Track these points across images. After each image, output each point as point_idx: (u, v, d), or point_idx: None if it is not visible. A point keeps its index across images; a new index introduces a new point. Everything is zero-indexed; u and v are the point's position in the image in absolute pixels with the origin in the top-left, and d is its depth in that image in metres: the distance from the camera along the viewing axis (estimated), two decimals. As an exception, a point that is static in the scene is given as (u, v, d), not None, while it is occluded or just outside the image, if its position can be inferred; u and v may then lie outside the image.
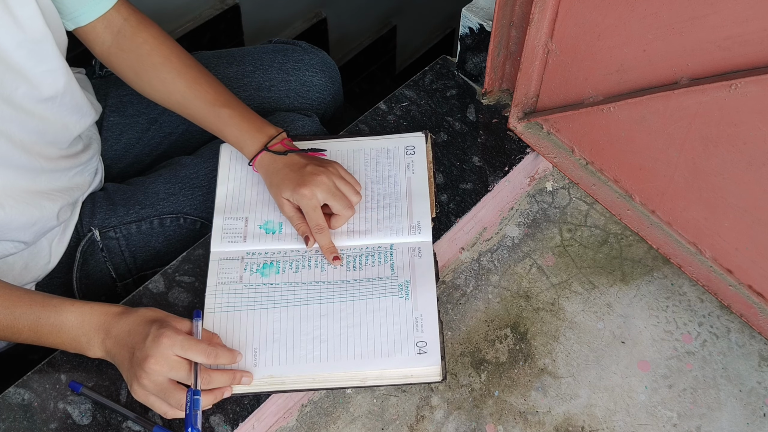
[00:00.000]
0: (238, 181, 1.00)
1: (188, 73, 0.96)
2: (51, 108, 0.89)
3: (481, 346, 0.98)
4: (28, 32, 0.81)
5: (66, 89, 0.89)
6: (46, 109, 0.88)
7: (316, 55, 1.19)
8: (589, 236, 1.09)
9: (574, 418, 0.93)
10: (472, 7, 1.09)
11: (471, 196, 1.02)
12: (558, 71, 0.97)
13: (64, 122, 0.92)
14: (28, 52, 0.82)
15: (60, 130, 0.92)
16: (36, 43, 0.83)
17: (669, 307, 1.02)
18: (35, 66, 0.84)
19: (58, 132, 0.91)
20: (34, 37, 0.82)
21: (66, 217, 0.97)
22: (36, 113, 0.87)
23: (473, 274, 1.05)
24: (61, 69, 0.87)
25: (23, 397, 0.84)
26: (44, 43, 0.84)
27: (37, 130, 0.88)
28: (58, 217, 0.94)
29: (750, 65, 0.74)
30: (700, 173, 0.86)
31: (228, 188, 0.99)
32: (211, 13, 1.77)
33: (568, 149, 1.04)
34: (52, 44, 0.85)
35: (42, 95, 0.86)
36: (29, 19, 0.81)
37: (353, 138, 1.05)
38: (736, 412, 0.93)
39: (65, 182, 0.95)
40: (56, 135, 0.91)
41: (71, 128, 0.94)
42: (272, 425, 0.91)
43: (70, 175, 0.96)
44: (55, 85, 0.88)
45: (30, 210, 0.89)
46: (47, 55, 0.85)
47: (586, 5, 0.86)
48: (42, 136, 0.89)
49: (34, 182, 0.90)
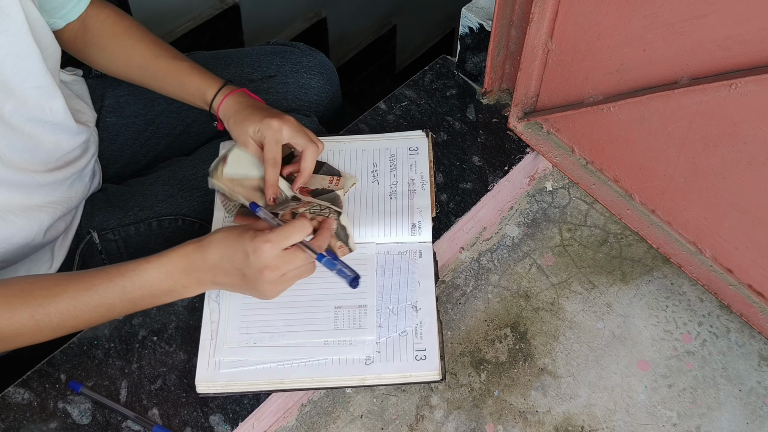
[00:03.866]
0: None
1: (147, 38, 1.00)
2: (41, 128, 0.88)
3: (480, 345, 0.98)
4: (13, 47, 0.80)
5: (56, 109, 0.89)
6: (35, 128, 0.87)
7: (314, 57, 1.19)
8: (589, 236, 1.09)
9: (573, 417, 0.93)
10: (472, 7, 1.09)
11: (471, 195, 1.02)
12: (558, 71, 0.97)
13: (56, 140, 0.91)
14: (13, 67, 0.81)
15: (52, 148, 0.91)
16: (21, 59, 0.82)
17: (669, 306, 1.02)
18: (21, 82, 0.83)
19: (50, 150, 0.91)
20: (19, 53, 0.81)
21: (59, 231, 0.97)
22: (25, 132, 0.86)
23: (473, 273, 1.05)
24: (48, 87, 0.87)
25: (23, 397, 0.84)
26: (30, 59, 0.83)
27: (27, 149, 0.87)
28: (47, 233, 0.93)
29: (750, 65, 0.74)
30: (700, 173, 0.86)
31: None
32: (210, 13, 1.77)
33: (568, 149, 1.04)
34: (40, 61, 0.84)
35: (30, 113, 0.86)
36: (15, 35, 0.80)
37: (355, 137, 1.05)
38: (736, 412, 0.93)
39: (63, 192, 0.95)
40: (48, 153, 0.91)
41: (64, 146, 0.93)
42: (272, 425, 0.91)
43: (68, 183, 0.96)
44: (43, 104, 0.87)
45: (30, 225, 0.89)
46: (34, 71, 0.84)
47: (586, 5, 0.86)
48: (33, 155, 0.88)
49: (31, 198, 0.90)
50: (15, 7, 0.79)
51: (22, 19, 0.80)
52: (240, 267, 0.78)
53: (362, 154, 1.02)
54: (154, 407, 0.84)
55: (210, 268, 0.79)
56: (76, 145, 0.95)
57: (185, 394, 0.85)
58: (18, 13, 0.79)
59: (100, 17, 0.98)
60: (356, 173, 1.00)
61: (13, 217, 0.87)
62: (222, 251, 0.79)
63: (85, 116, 1.01)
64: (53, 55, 0.89)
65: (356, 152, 1.03)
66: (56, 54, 0.90)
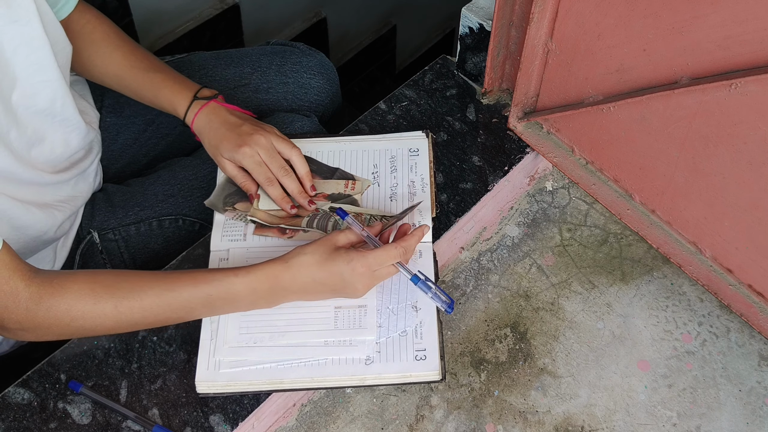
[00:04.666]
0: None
1: (124, 47, 0.99)
2: (49, 123, 0.88)
3: (480, 345, 0.98)
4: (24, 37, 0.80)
5: (66, 106, 0.89)
6: (43, 123, 0.87)
7: (315, 57, 1.19)
8: (589, 236, 1.09)
9: (573, 417, 0.93)
10: (472, 7, 1.09)
11: (471, 195, 1.02)
12: (558, 71, 0.97)
13: (64, 139, 0.91)
14: (25, 58, 0.81)
15: (60, 146, 0.91)
16: (33, 50, 0.82)
17: (669, 306, 1.02)
18: (32, 75, 0.83)
19: (58, 148, 0.91)
20: (31, 43, 0.81)
21: (66, 230, 0.97)
22: (32, 126, 0.86)
23: (473, 273, 1.05)
24: (58, 82, 0.86)
25: (23, 397, 0.84)
26: (42, 51, 0.83)
27: (33, 143, 0.87)
28: (56, 232, 0.94)
29: (750, 65, 0.74)
30: (700, 172, 0.86)
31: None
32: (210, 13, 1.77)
33: (568, 149, 1.04)
34: (51, 54, 0.84)
35: (37, 106, 0.85)
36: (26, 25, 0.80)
37: (355, 137, 1.05)
38: (736, 412, 0.93)
39: (68, 191, 0.95)
40: (55, 151, 0.91)
41: (73, 144, 0.93)
42: (272, 425, 0.91)
43: (72, 183, 0.96)
44: (54, 99, 0.87)
45: (46, 218, 0.90)
46: (45, 64, 0.84)
47: (586, 5, 0.86)
48: (41, 152, 0.88)
49: (41, 196, 0.90)
50: None
51: (33, 9, 0.80)
52: (334, 288, 0.81)
53: (362, 154, 1.02)
54: (154, 407, 0.84)
55: (299, 289, 0.82)
56: (84, 145, 0.95)
57: (185, 394, 0.85)
58: (29, 4, 0.79)
59: (81, 21, 0.97)
60: (357, 173, 1.00)
61: (34, 209, 0.88)
62: (314, 274, 0.80)
63: (88, 117, 1.01)
64: (64, 50, 0.89)
65: (356, 153, 1.03)
66: (67, 50, 0.90)
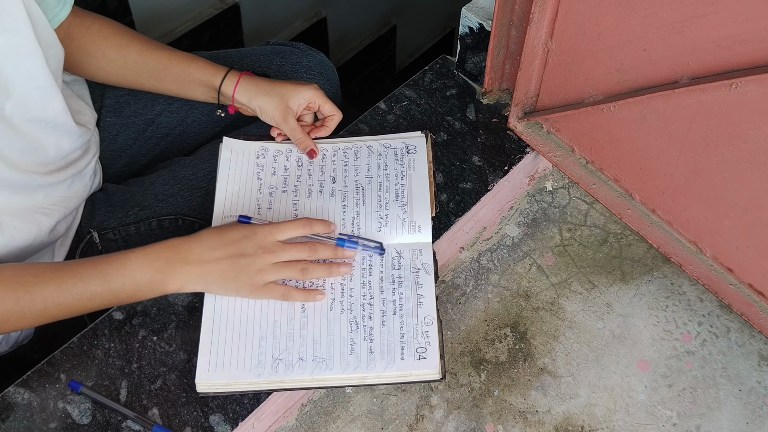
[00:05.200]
0: (238, 180, 1.00)
1: (139, 36, 1.00)
2: (42, 129, 0.88)
3: (480, 345, 0.98)
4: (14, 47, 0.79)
5: (58, 110, 0.88)
6: (36, 129, 0.87)
7: (314, 57, 1.19)
8: (589, 236, 1.09)
9: (573, 417, 0.93)
10: (472, 7, 1.09)
11: (471, 195, 1.02)
12: (558, 71, 0.97)
13: (57, 142, 0.91)
14: (15, 67, 0.81)
15: (53, 150, 0.91)
16: (23, 59, 0.81)
17: (669, 306, 1.02)
18: (23, 83, 0.82)
19: (51, 152, 0.90)
20: (20, 52, 0.80)
21: (61, 232, 0.97)
22: (26, 133, 0.86)
23: (473, 273, 1.05)
24: (50, 88, 0.86)
25: (23, 397, 0.84)
26: (32, 59, 0.82)
27: (28, 149, 0.87)
28: (50, 234, 0.93)
29: (750, 64, 0.74)
30: (701, 172, 0.86)
31: (228, 186, 0.99)
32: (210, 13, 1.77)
33: (568, 149, 1.04)
34: (42, 61, 0.83)
35: (31, 113, 0.85)
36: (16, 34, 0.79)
37: (353, 137, 1.05)
38: (736, 412, 0.93)
39: (63, 192, 0.94)
40: (48, 155, 0.90)
41: (65, 147, 0.93)
42: (272, 424, 0.91)
43: (68, 183, 0.95)
44: (45, 105, 0.86)
45: (28, 227, 0.89)
46: (35, 72, 0.83)
47: (586, 5, 0.86)
48: (34, 156, 0.88)
49: (31, 198, 0.89)
50: (17, 5, 0.78)
51: (24, 17, 0.79)
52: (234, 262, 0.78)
53: (362, 154, 1.02)
54: (154, 407, 0.84)
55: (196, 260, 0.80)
56: (77, 147, 0.95)
57: (185, 394, 0.85)
58: (20, 12, 0.78)
59: (85, 24, 0.97)
60: (357, 173, 1.00)
61: (8, 219, 0.87)
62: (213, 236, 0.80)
63: (85, 117, 1.01)
64: (55, 55, 0.88)
65: (356, 152, 1.03)
66: (59, 54, 0.89)
